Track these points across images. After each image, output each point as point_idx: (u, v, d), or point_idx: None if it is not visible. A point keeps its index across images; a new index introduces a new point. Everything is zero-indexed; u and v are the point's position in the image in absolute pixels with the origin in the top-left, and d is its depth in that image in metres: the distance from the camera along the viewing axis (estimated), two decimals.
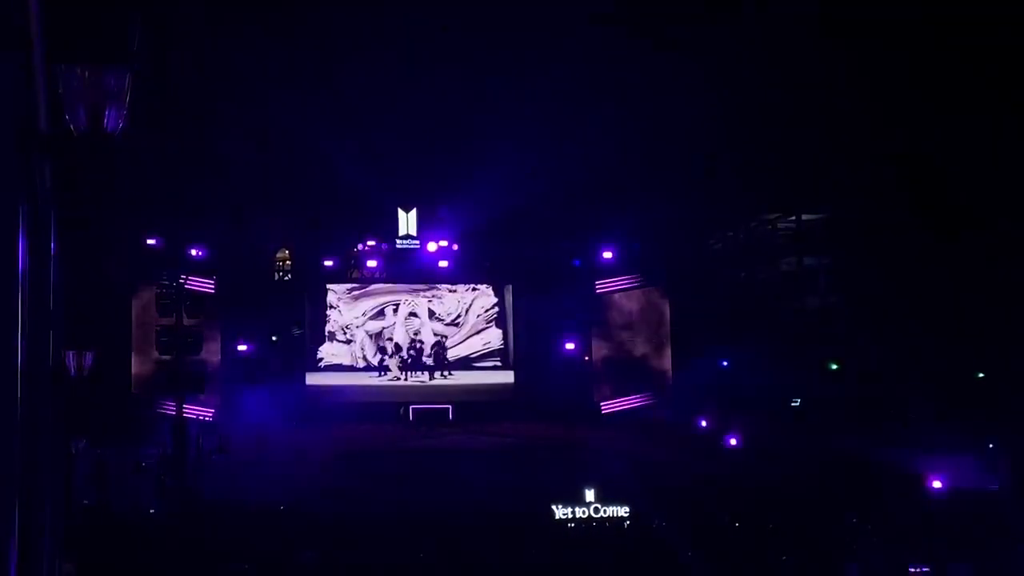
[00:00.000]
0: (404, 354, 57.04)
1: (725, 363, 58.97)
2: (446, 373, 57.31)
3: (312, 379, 55.54)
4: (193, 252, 54.02)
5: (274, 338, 55.63)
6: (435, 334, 57.52)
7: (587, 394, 56.91)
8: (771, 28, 57.99)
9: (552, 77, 60.73)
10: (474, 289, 58.39)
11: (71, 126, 6.89)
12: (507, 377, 57.36)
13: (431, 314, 57.62)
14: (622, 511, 42.10)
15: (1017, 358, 52.43)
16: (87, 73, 6.77)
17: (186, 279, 43.34)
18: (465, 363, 57.25)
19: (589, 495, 42.45)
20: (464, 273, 58.52)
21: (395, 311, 57.44)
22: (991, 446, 49.30)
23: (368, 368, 56.38)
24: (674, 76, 60.59)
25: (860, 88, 59.13)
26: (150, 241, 51.72)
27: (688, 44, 59.88)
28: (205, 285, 50.57)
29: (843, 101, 60.01)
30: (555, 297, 59.17)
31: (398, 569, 26.01)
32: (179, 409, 38.15)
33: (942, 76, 56.40)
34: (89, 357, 23.12)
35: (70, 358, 22.36)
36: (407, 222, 59.09)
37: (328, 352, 56.35)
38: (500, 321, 58.14)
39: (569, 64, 60.79)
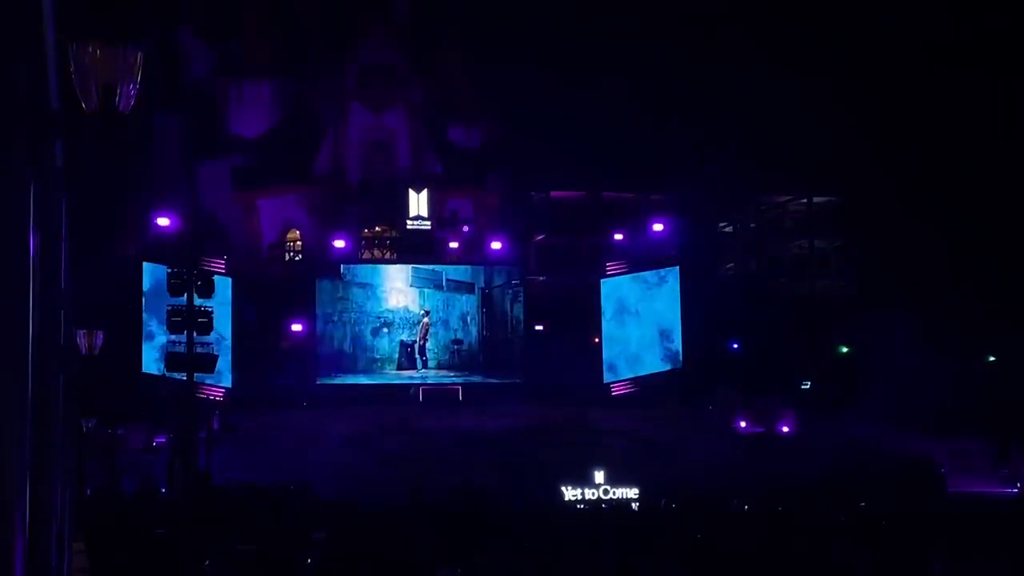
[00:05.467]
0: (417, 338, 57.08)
1: (735, 345, 58.93)
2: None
3: (324, 360, 55.73)
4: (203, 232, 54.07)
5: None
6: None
7: (597, 376, 56.88)
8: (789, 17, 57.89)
9: (568, 57, 60.69)
10: (484, 270, 58.30)
11: (83, 105, 6.86)
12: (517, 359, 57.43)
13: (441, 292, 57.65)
14: (631, 492, 42.05)
15: None
16: (99, 52, 6.74)
17: (197, 259, 43.32)
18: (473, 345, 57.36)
19: (599, 476, 42.40)
20: (474, 254, 58.45)
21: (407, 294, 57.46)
22: (1002, 431, 49.20)
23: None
24: (688, 59, 60.46)
25: (872, 75, 58.97)
26: (161, 221, 51.76)
27: (702, 30, 59.76)
28: (216, 265, 50.57)
29: (853, 87, 59.87)
30: (565, 279, 59.16)
31: (407, 549, 26.01)
32: (190, 389, 38.12)
33: (953, 64, 56.23)
34: (100, 336, 23.12)
35: (81, 337, 22.37)
36: (418, 203, 58.94)
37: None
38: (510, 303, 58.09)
39: (586, 45, 60.73)
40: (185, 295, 36.20)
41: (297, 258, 62.31)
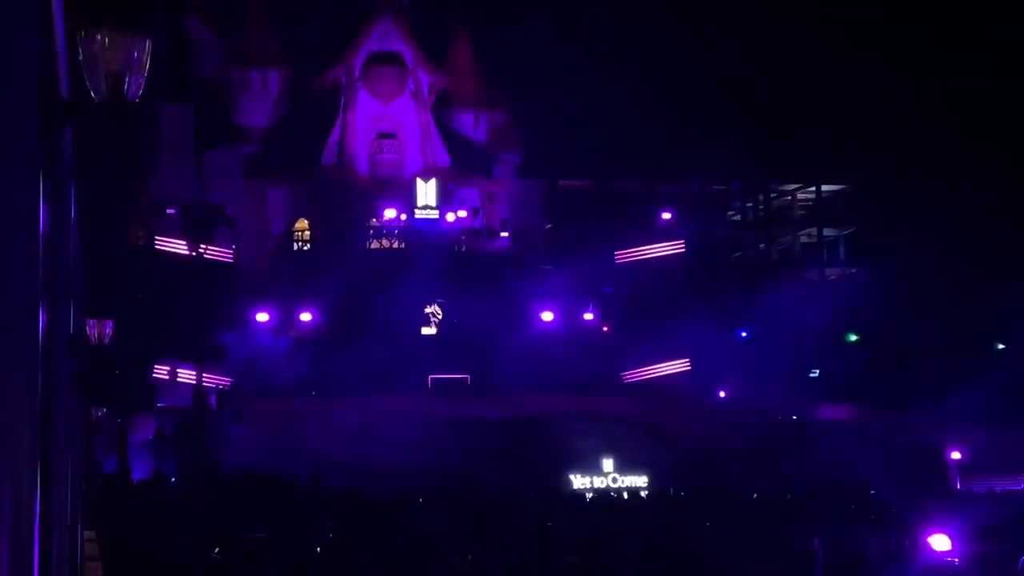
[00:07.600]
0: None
1: (744, 333, 58.93)
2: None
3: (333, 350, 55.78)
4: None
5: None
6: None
7: (606, 364, 56.89)
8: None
9: (577, 45, 60.65)
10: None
11: (92, 94, 6.85)
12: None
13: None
14: (640, 480, 42.10)
15: None
16: (107, 40, 6.73)
17: (206, 249, 43.44)
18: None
19: (607, 464, 42.45)
20: (482, 244, 58.49)
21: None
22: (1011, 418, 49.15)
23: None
24: (696, 47, 60.40)
25: (882, 62, 58.90)
26: (170, 211, 51.84)
27: (711, 19, 59.73)
28: (224, 255, 50.65)
29: (859, 75, 59.77)
30: (573, 267, 59.17)
31: (416, 538, 26.08)
32: (199, 378, 38.24)
33: (963, 51, 56.12)
34: (109, 325, 23.13)
35: (90, 327, 22.39)
36: (426, 192, 59.00)
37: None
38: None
39: (595, 34, 60.68)
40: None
41: (306, 248, 62.30)
